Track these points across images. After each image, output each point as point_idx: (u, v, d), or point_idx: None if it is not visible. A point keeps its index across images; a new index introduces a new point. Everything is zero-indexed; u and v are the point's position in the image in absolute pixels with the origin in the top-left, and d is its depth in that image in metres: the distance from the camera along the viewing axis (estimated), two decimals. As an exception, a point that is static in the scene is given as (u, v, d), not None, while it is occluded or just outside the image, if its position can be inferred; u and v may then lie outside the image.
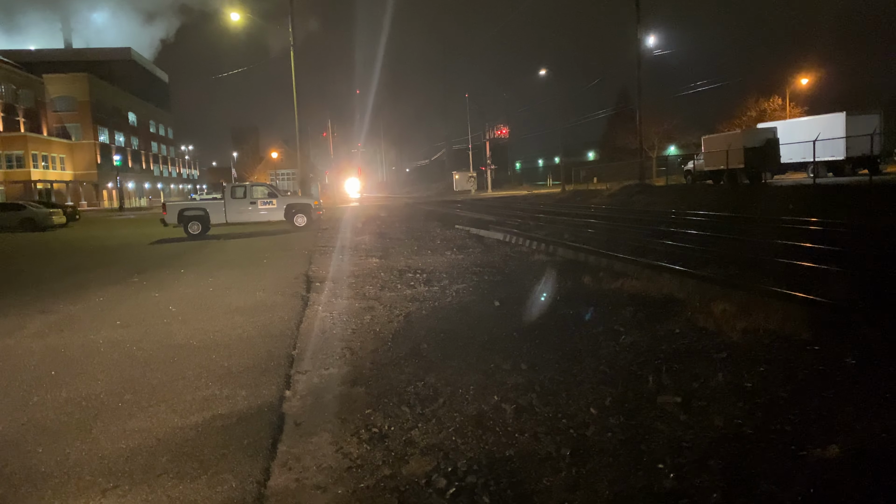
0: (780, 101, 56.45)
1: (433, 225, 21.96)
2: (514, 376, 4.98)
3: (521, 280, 9.54)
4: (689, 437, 3.75)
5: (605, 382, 4.72)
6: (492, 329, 6.53)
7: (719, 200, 24.91)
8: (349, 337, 6.65)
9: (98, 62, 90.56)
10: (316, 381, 5.23)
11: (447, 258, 12.53)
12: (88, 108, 78.58)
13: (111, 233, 27.09)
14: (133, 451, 3.89)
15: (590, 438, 3.80)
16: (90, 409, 4.67)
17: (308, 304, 8.45)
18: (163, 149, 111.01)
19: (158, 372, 5.57)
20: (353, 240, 17.61)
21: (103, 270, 13.30)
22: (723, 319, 6.19)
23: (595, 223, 19.66)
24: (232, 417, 4.41)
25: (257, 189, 22.99)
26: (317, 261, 13.11)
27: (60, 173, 73.34)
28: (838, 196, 20.94)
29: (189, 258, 14.88)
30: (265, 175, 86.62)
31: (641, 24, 35.97)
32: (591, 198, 35.18)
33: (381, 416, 4.38)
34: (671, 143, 64.05)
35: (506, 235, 16.13)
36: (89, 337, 6.99)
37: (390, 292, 9.08)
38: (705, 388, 4.49)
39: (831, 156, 31.24)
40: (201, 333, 6.93)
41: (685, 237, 13.99)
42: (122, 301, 9.24)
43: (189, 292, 9.78)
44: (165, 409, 4.63)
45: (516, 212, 28.02)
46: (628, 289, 8.14)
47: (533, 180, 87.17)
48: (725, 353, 5.22)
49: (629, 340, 5.75)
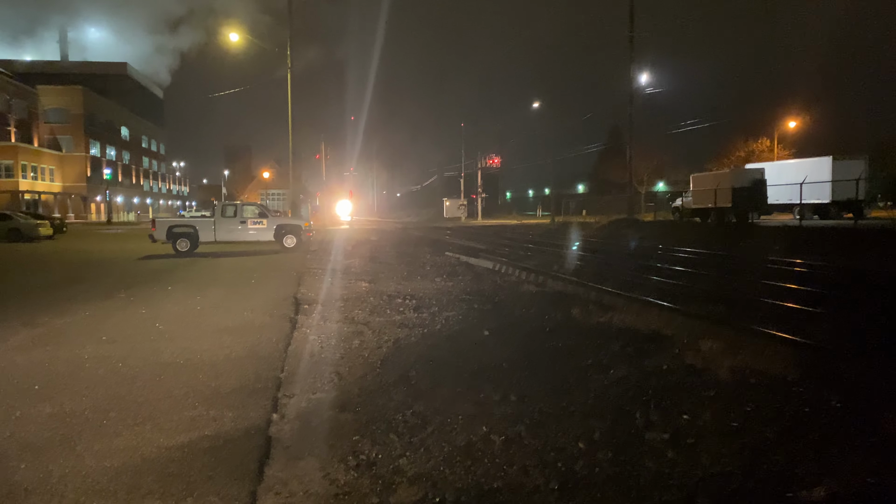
0: (767, 143, 57.34)
1: (423, 250, 21.99)
2: (504, 407, 4.98)
3: (510, 310, 9.57)
4: (677, 474, 3.76)
5: (594, 416, 4.74)
6: (481, 358, 6.53)
7: (706, 238, 25.17)
8: (338, 361, 6.63)
9: (94, 75, 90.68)
10: (304, 405, 5.21)
11: (437, 285, 12.54)
12: (81, 120, 78.50)
13: (98, 246, 26.91)
14: (118, 470, 3.85)
15: (578, 472, 3.80)
16: (74, 426, 4.62)
17: (296, 327, 8.42)
18: (154, 164, 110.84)
19: (144, 390, 5.52)
20: (343, 263, 17.59)
21: (90, 284, 13.20)
22: (710, 357, 6.24)
23: (583, 255, 19.77)
24: (219, 439, 4.37)
25: (248, 208, 22.96)
26: (306, 283, 13.08)
27: (49, 185, 72.98)
28: (824, 239, 21.21)
29: (177, 275, 14.80)
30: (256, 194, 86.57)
31: (635, 63, 36.63)
32: (581, 230, 35.39)
33: (369, 442, 4.36)
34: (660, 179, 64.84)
35: (496, 264, 16.19)
36: (75, 352, 6.92)
37: (379, 317, 9.07)
38: (693, 426, 4.51)
39: (817, 199, 31.72)
40: (188, 352, 6.88)
41: (673, 273, 14.10)
42: (108, 316, 9.16)
43: (177, 310, 9.72)
44: (151, 427, 4.59)
45: (506, 241, 28.14)
46: (617, 322, 8.19)
47: (523, 210, 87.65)
48: (713, 391, 5.25)
49: (618, 374, 5.77)
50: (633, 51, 36.33)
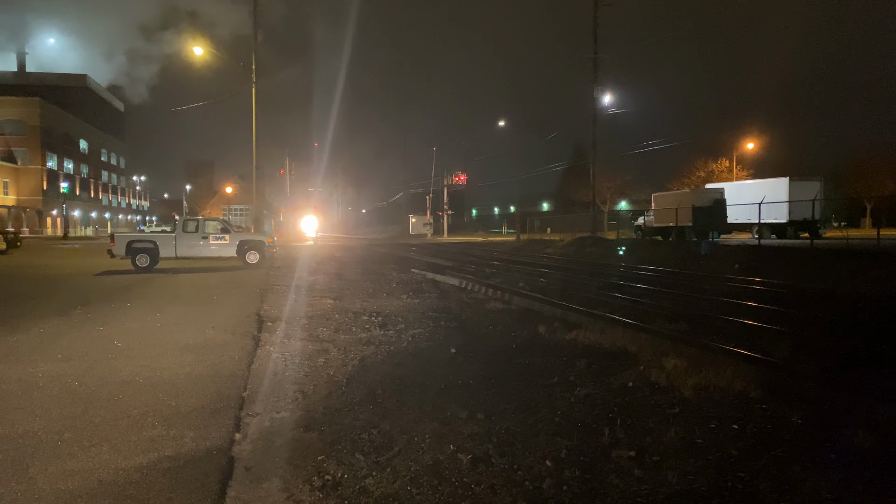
0: (727, 164, 58.74)
1: (389, 267, 21.90)
2: (471, 425, 4.95)
3: (477, 327, 9.57)
4: (644, 492, 3.77)
5: (561, 434, 4.74)
6: (448, 376, 6.50)
7: (667, 257, 25.56)
8: (302, 380, 6.53)
9: (52, 87, 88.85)
10: (267, 425, 5.10)
11: (403, 302, 12.49)
12: (38, 132, 76.74)
13: (54, 262, 26.20)
14: (73, 494, 3.71)
15: (546, 491, 3.79)
16: (27, 447, 4.45)
17: (260, 345, 8.28)
18: (113, 178, 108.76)
19: (101, 409, 5.36)
20: (308, 279, 17.41)
21: (44, 300, 12.82)
22: (674, 375, 6.30)
23: (549, 273, 19.91)
24: (179, 460, 4.25)
25: (210, 224, 22.60)
26: (269, 300, 12.90)
27: (3, 198, 71.08)
28: (781, 258, 21.72)
29: (136, 292, 14.47)
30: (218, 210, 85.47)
31: (598, 84, 37.28)
32: (545, 247, 35.67)
33: (334, 463, 4.29)
34: (623, 198, 65.88)
35: (462, 281, 16.20)
36: (28, 370, 6.70)
37: (345, 335, 8.98)
38: (658, 443, 4.54)
39: (775, 218, 32.53)
40: (148, 371, 6.71)
41: (635, 291, 14.27)
42: (63, 333, 8.90)
43: (136, 327, 9.48)
44: (108, 449, 4.44)
45: (472, 258, 28.20)
46: (582, 340, 8.24)
47: (488, 227, 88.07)
48: (678, 409, 5.30)
49: (584, 392, 5.79)
50: (596, 72, 37.00)
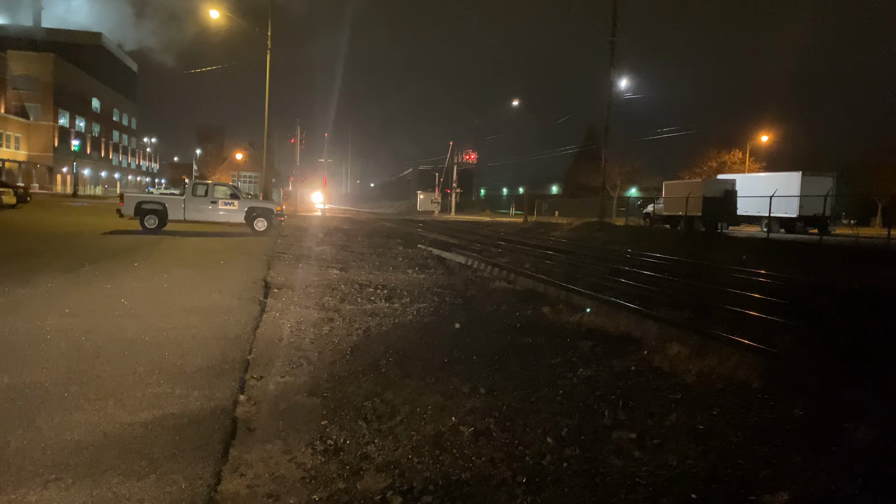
0: (740, 155, 58.26)
1: (395, 242, 21.91)
2: (473, 400, 4.98)
3: (481, 305, 9.59)
4: (643, 473, 3.79)
5: (562, 413, 4.76)
6: (451, 351, 6.53)
7: (675, 245, 25.48)
8: (307, 346, 6.56)
9: (67, 44, 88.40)
10: (271, 388, 5.14)
11: (409, 276, 12.51)
12: (51, 89, 76.55)
13: (63, 219, 26.30)
14: (78, 445, 3.75)
15: (546, 468, 3.82)
16: (34, 398, 4.50)
17: (266, 310, 8.32)
18: (124, 138, 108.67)
19: (108, 365, 5.40)
20: (314, 249, 17.45)
21: (53, 256, 12.88)
22: (677, 361, 6.31)
23: (555, 255, 19.89)
24: (183, 418, 4.30)
25: (219, 189, 22.60)
26: (276, 267, 12.94)
27: (14, 153, 71.10)
28: (789, 252, 21.63)
29: (143, 252, 14.52)
30: (227, 176, 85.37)
31: (614, 68, 36.88)
32: (553, 230, 35.61)
33: (336, 428, 4.33)
34: (633, 184, 65.51)
35: (467, 259, 16.21)
36: (36, 323, 6.75)
37: (350, 305, 9.02)
38: (659, 427, 4.56)
39: (785, 212, 32.30)
40: (154, 330, 6.75)
41: (641, 277, 14.25)
42: (71, 289, 8.95)
43: (142, 287, 9.53)
44: (114, 403, 4.48)
45: (478, 237, 28.17)
46: (587, 323, 8.25)
47: (496, 208, 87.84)
48: (680, 395, 5.31)
49: (586, 374, 5.81)
50: (613, 56, 36.60)
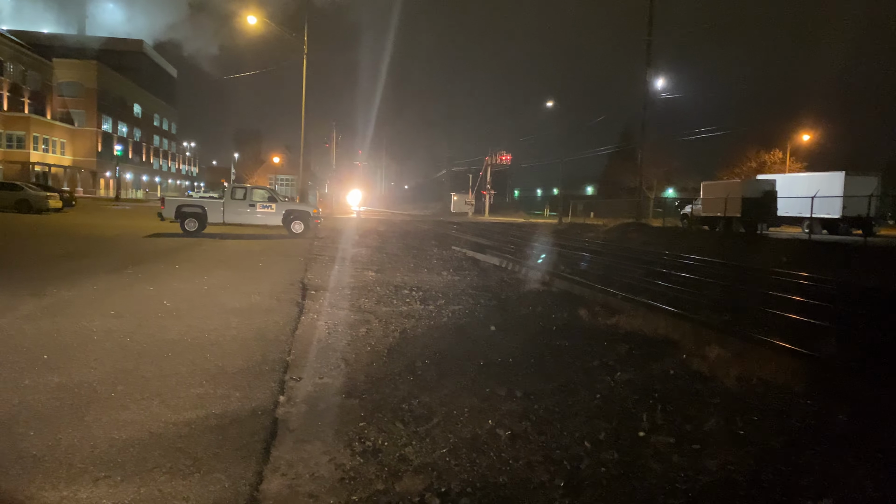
0: (780, 155, 57.08)
1: (430, 244, 22.00)
2: (509, 403, 4.99)
3: (516, 307, 9.57)
4: (682, 478, 3.76)
5: (600, 417, 4.74)
6: (487, 353, 6.54)
7: (714, 247, 25.09)
8: (344, 348, 6.64)
9: (110, 51, 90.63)
10: (310, 389, 5.22)
11: (443, 278, 12.55)
12: (95, 95, 78.54)
13: (106, 221, 26.99)
14: (125, 443, 3.87)
15: (583, 471, 3.81)
16: (82, 397, 4.64)
17: (304, 312, 8.43)
18: (164, 143, 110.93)
19: (152, 365, 5.54)
20: (350, 251, 17.62)
21: (97, 258, 13.24)
22: (717, 365, 6.23)
23: (590, 257, 19.75)
24: (225, 417, 4.39)
25: (257, 192, 22.98)
26: (313, 269, 13.10)
27: (60, 158, 73.12)
28: (832, 254, 21.14)
29: (184, 254, 14.83)
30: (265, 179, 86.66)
31: (650, 67, 36.49)
32: (588, 231, 35.35)
33: (374, 430, 4.37)
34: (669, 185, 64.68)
35: (502, 261, 16.19)
36: (82, 324, 6.95)
37: (386, 307, 9.09)
38: (698, 432, 4.51)
39: (827, 213, 31.60)
40: (195, 331, 6.90)
41: (679, 280, 14.07)
42: (115, 291, 9.19)
43: (184, 288, 9.74)
44: (158, 403, 4.60)
45: (512, 238, 28.12)
46: (624, 326, 8.19)
47: (530, 209, 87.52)
48: (719, 399, 5.25)
49: (624, 377, 5.77)
50: (650, 55, 36.22)
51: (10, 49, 66.89)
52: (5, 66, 65.55)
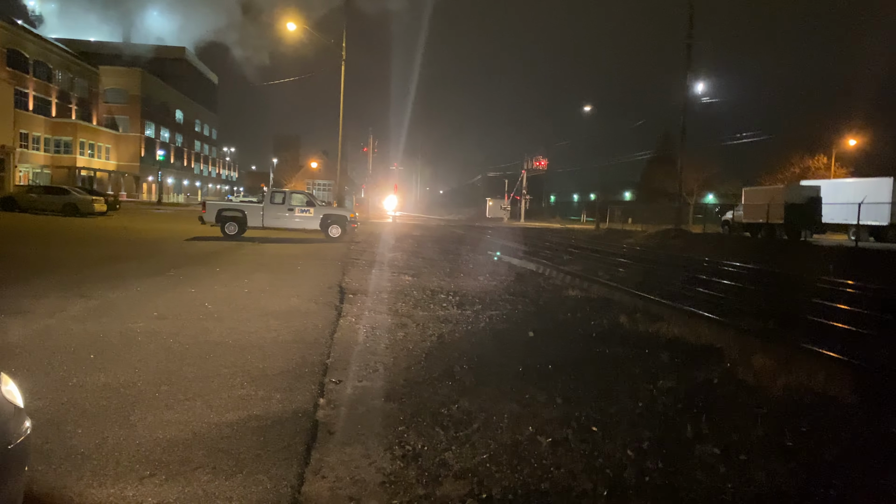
0: (825, 160, 55.75)
1: (465, 248, 21.99)
2: (550, 409, 4.93)
3: (555, 313, 9.48)
4: (730, 490, 3.66)
5: (642, 425, 4.65)
6: (525, 359, 6.48)
7: (756, 254, 24.59)
8: (382, 352, 6.65)
9: (152, 58, 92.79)
10: (349, 392, 5.23)
11: (480, 283, 12.51)
12: (138, 102, 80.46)
13: (149, 225, 27.59)
14: (170, 443, 3.91)
15: (627, 480, 3.73)
16: (128, 396, 4.72)
17: (342, 315, 8.48)
18: (205, 148, 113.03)
19: (194, 367, 5.62)
20: (387, 256, 17.70)
21: (141, 261, 13.52)
22: (763, 374, 6.08)
23: (630, 263, 19.50)
24: (267, 419, 4.42)
25: (296, 196, 23.26)
26: (350, 273, 13.18)
27: (104, 163, 74.99)
28: (880, 262, 20.53)
29: (225, 258, 15.06)
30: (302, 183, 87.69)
31: (690, 71, 35.94)
32: (626, 238, 34.96)
33: (414, 434, 4.36)
34: (710, 190, 63.64)
35: (539, 267, 16.09)
36: (127, 325, 7.09)
37: (423, 311, 9.08)
38: (745, 442, 4.39)
39: (875, 220, 30.74)
40: (236, 333, 6.98)
41: (721, 287, 13.80)
42: (159, 293, 9.36)
43: (224, 291, 9.88)
44: (201, 404, 4.66)
45: (549, 244, 27.94)
46: (665, 333, 8.04)
47: (566, 214, 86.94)
48: (766, 409, 5.11)
49: (667, 385, 5.66)
50: (689, 58, 35.67)
51: (58, 57, 68.92)
52: (54, 73, 67.53)
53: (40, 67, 64.90)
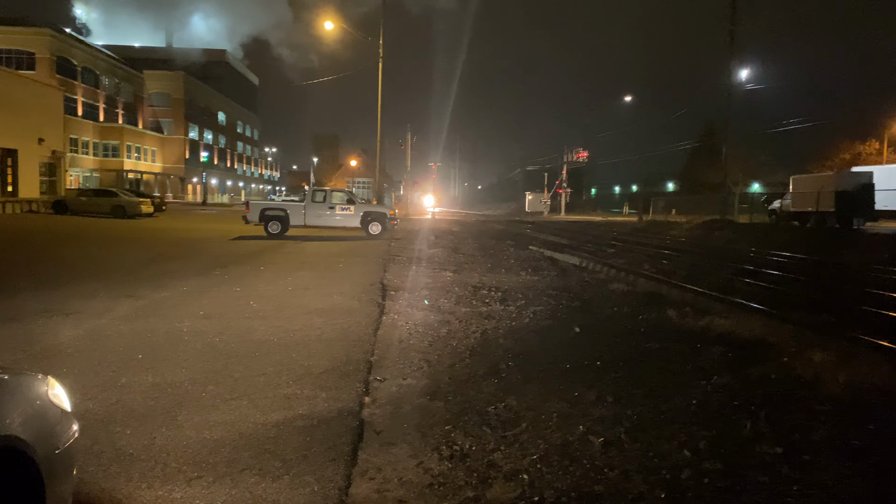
0: (876, 145, 53.87)
1: (506, 244, 21.81)
2: (600, 408, 4.79)
3: (600, 308, 9.29)
4: (795, 493, 3.48)
5: (697, 424, 4.47)
6: (572, 356, 6.34)
7: (806, 243, 23.82)
8: (426, 349, 6.58)
9: (194, 62, 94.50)
10: (394, 391, 5.17)
11: (522, 278, 12.36)
12: (182, 105, 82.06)
13: (194, 225, 28.08)
14: (216, 444, 3.90)
15: (684, 482, 3.58)
16: (175, 397, 4.74)
17: (384, 312, 8.44)
18: (247, 149, 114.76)
19: (240, 366, 5.63)
20: (427, 252, 17.65)
21: (187, 261, 13.72)
22: (822, 369, 5.81)
23: (675, 256, 19.08)
24: (312, 419, 4.38)
25: (336, 195, 23.40)
26: (391, 270, 13.17)
27: (150, 165, 76.72)
28: (940, 249, 19.68)
29: (268, 256, 15.20)
30: (342, 182, 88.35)
31: (734, 58, 35.05)
32: (670, 229, 34.26)
33: (461, 434, 4.27)
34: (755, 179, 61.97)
35: (581, 261, 15.84)
36: (174, 325, 7.16)
37: (465, 308, 8.99)
38: (808, 442, 4.19)
39: (933, 206, 29.54)
40: (281, 331, 6.99)
41: (772, 278, 13.37)
42: (204, 292, 9.46)
43: (268, 290, 9.94)
44: (247, 404, 4.65)
45: (591, 237, 27.56)
46: (716, 327, 7.79)
47: (608, 207, 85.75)
48: (828, 406, 4.87)
49: (721, 382, 5.46)
50: (733, 45, 34.80)
51: (105, 63, 70.72)
52: (101, 79, 69.33)
53: (88, 74, 66.71)
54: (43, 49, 59.69)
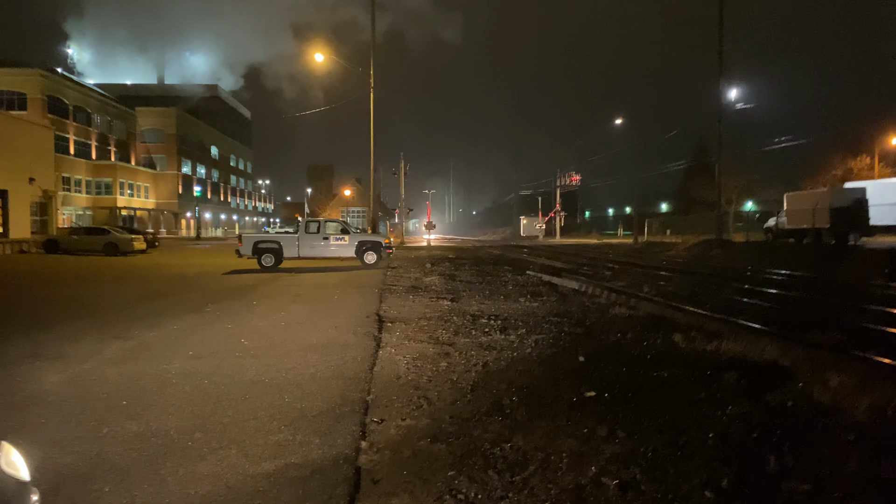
0: (868, 161, 54.10)
1: (503, 269, 21.56)
2: (612, 445, 4.50)
3: (604, 334, 9.02)
4: (831, 537, 3.20)
5: (718, 459, 4.19)
6: (579, 387, 6.06)
7: (804, 260, 23.68)
8: (425, 385, 6.29)
9: (186, 97, 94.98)
10: (393, 433, 4.88)
11: (521, 305, 12.10)
12: (175, 140, 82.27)
13: (188, 261, 27.77)
14: (202, 499, 3.60)
15: (711, 528, 3.30)
16: (160, 447, 4.44)
17: (381, 346, 8.15)
18: (241, 182, 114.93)
19: (230, 409, 5.33)
20: (423, 280, 17.38)
21: (179, 298, 13.43)
22: (842, 393, 5.55)
23: (674, 277, 18.87)
24: (306, 468, 4.09)
25: (330, 225, 23.18)
26: (388, 300, 12.89)
27: (144, 201, 76.61)
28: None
29: (261, 290, 14.92)
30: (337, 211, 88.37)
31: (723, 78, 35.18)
32: (666, 250, 34.12)
33: (465, 479, 3.98)
34: (750, 197, 62.10)
35: (581, 285, 15.60)
36: (162, 366, 6.87)
37: (465, 338, 8.71)
38: (838, 476, 3.91)
39: (928, 219, 29.48)
40: (273, 370, 6.70)
41: (775, 297, 13.15)
42: (195, 331, 9.17)
43: (261, 325, 9.66)
44: (236, 452, 4.35)
45: (588, 260, 27.35)
46: (726, 351, 7.52)
47: (602, 229, 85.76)
48: (853, 435, 4.60)
49: (737, 411, 5.18)
50: (722, 66, 34.93)
51: (97, 102, 70.95)
52: (93, 117, 69.50)
53: (80, 112, 66.87)
54: (34, 89, 59.89)
